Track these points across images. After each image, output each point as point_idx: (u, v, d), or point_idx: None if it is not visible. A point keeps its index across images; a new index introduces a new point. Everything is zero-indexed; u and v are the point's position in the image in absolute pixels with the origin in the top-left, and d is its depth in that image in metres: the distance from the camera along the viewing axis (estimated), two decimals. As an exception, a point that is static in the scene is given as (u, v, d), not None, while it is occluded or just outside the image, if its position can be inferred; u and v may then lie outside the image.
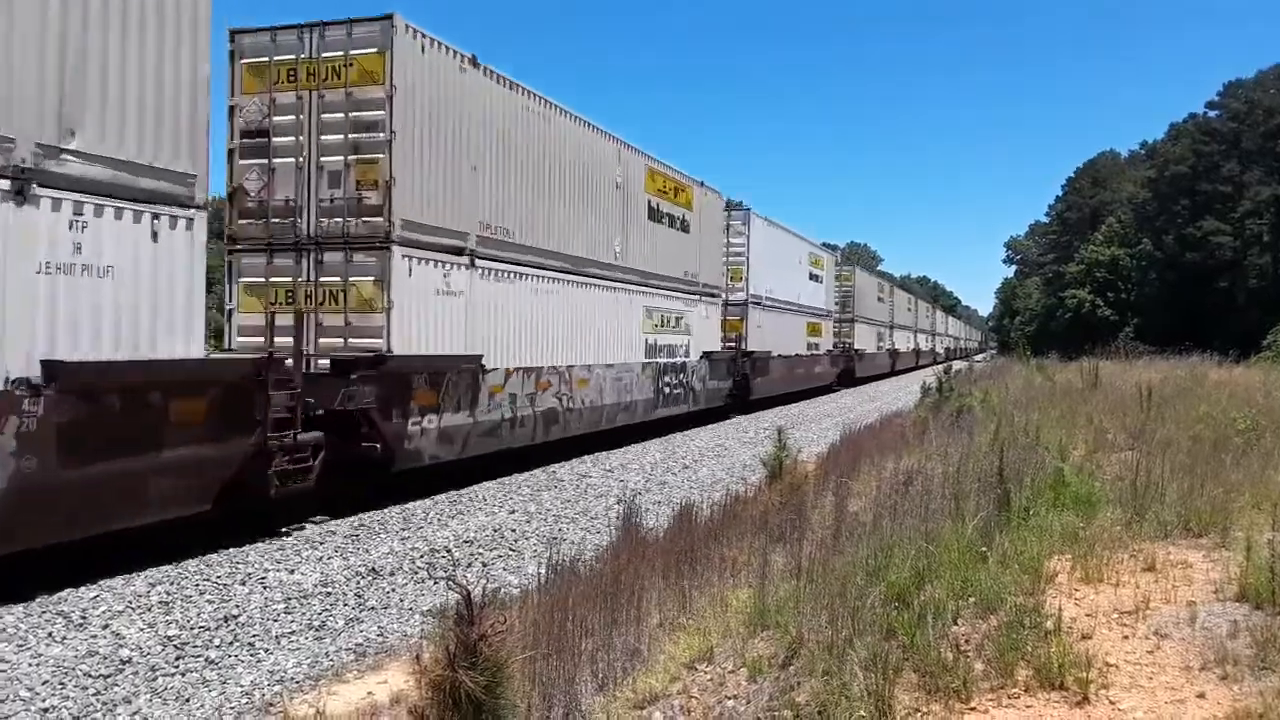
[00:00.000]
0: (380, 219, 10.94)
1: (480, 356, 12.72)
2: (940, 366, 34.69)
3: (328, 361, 10.59)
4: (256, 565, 8.11)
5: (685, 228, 20.83)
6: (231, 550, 8.61)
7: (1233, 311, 52.94)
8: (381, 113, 10.99)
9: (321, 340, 11.00)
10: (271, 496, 9.16)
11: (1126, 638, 4.68)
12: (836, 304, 40.11)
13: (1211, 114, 62.55)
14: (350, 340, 11.04)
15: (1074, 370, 23.64)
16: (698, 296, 21.76)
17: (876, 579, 5.31)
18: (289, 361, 9.49)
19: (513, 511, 10.83)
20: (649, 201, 18.87)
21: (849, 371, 41.20)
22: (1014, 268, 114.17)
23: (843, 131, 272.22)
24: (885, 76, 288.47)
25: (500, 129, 13.31)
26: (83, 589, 7.21)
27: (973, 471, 8.35)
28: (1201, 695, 3.96)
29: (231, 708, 5.24)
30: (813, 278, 34.80)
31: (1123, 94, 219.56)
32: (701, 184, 22.14)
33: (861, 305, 45.89)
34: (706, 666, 4.91)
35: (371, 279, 10.95)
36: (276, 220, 11.21)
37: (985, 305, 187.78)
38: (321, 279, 11.11)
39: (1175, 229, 59.25)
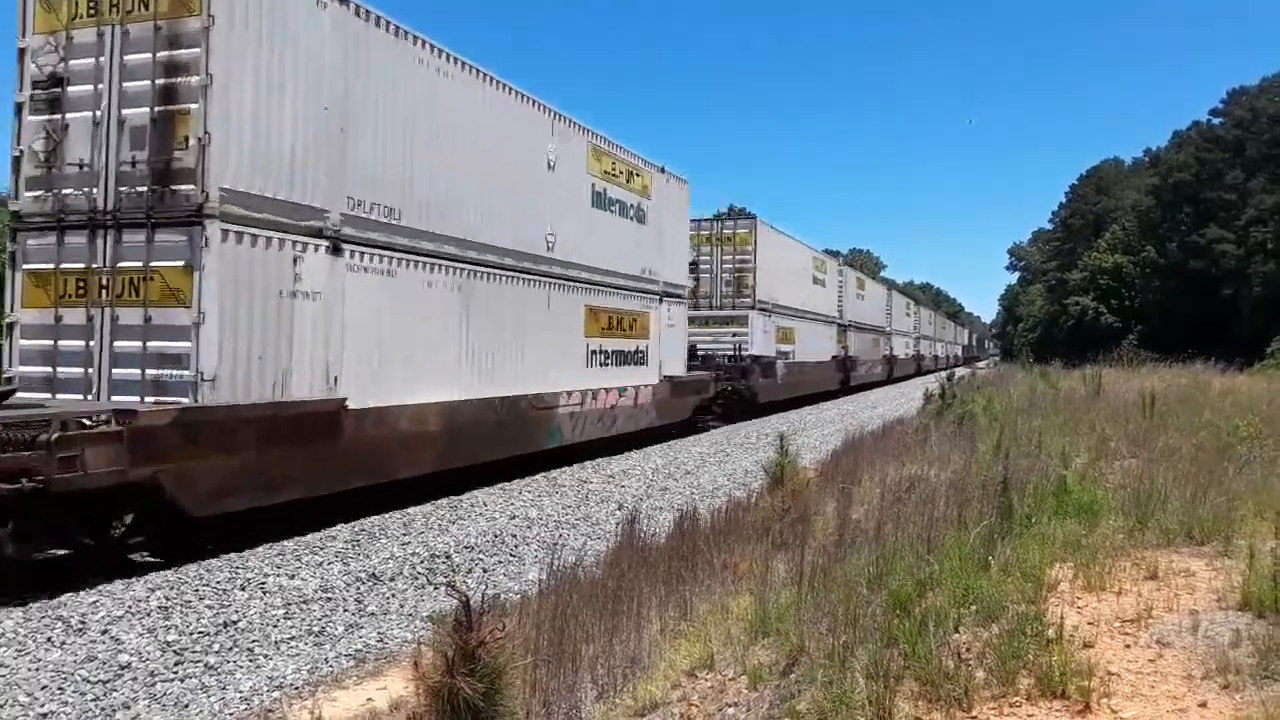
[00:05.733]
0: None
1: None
2: (945, 372, 38.47)
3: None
4: (256, 570, 8.10)
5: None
6: (231, 555, 8.60)
7: (1236, 319, 52.86)
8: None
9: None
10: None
11: (1129, 646, 4.66)
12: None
13: (1215, 121, 62.59)
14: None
15: (1077, 377, 23.62)
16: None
17: (878, 586, 5.29)
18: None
19: (513, 517, 10.82)
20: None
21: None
22: (1017, 274, 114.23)
23: (845, 136, 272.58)
24: (888, 82, 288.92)
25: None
26: (82, 594, 7.21)
27: (975, 479, 8.34)
28: (1204, 704, 3.94)
29: (230, 714, 5.23)
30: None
31: (1126, 101, 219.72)
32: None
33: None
34: (707, 674, 4.89)
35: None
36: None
37: (988, 312, 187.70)
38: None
39: (1179, 236, 59.19)
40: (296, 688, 5.62)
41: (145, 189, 8.80)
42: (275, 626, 6.67)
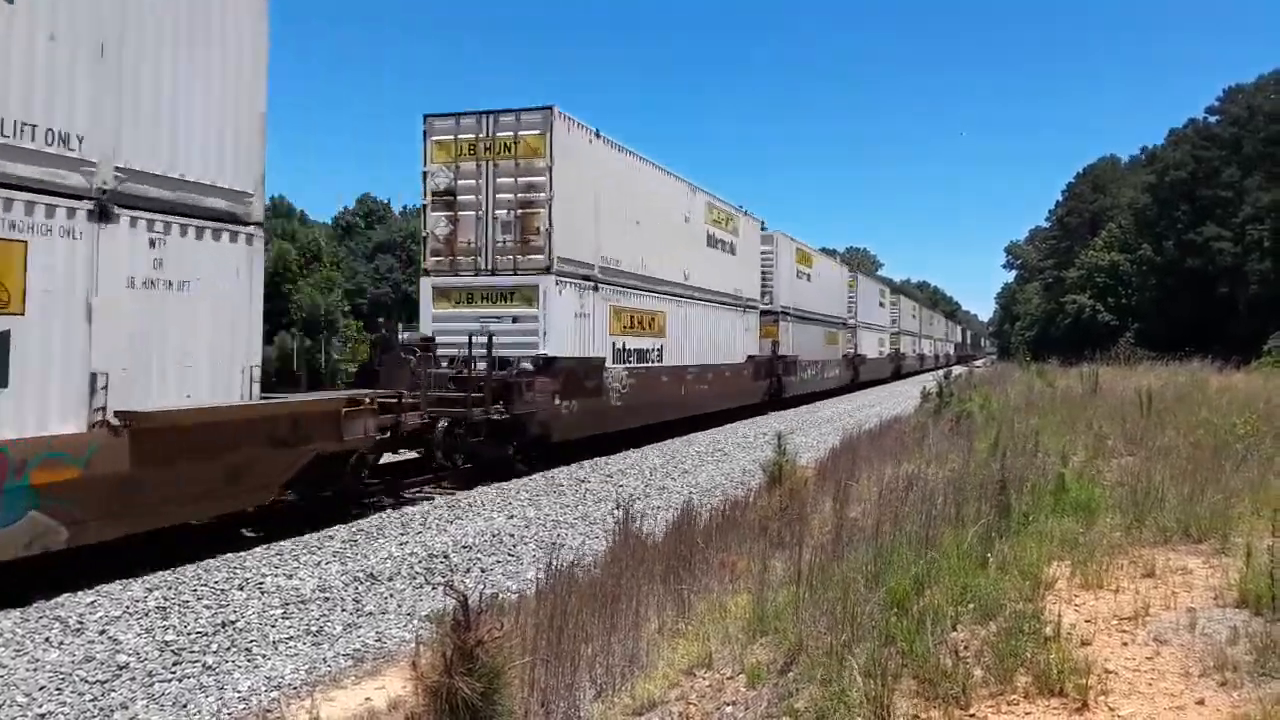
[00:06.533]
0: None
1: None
2: (939, 373, 35.44)
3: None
4: (254, 570, 8.09)
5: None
6: (229, 555, 8.60)
7: (1233, 317, 52.90)
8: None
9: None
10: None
11: (1126, 644, 4.66)
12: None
13: (1211, 119, 62.58)
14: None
15: (1074, 376, 23.64)
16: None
17: (876, 585, 5.30)
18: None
19: (511, 517, 10.82)
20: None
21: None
22: (1014, 273, 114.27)
23: (845, 135, 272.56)
24: (886, 80, 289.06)
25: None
26: (80, 594, 7.20)
27: (973, 477, 8.34)
28: (1201, 701, 3.95)
29: (229, 714, 5.22)
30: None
31: (1123, 99, 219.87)
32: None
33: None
34: (705, 673, 4.89)
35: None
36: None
37: (985, 310, 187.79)
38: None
39: (1175, 234, 59.22)
40: (295, 687, 5.61)
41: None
42: (273, 626, 6.67)
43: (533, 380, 14.41)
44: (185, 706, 5.28)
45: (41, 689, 5.42)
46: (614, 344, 17.47)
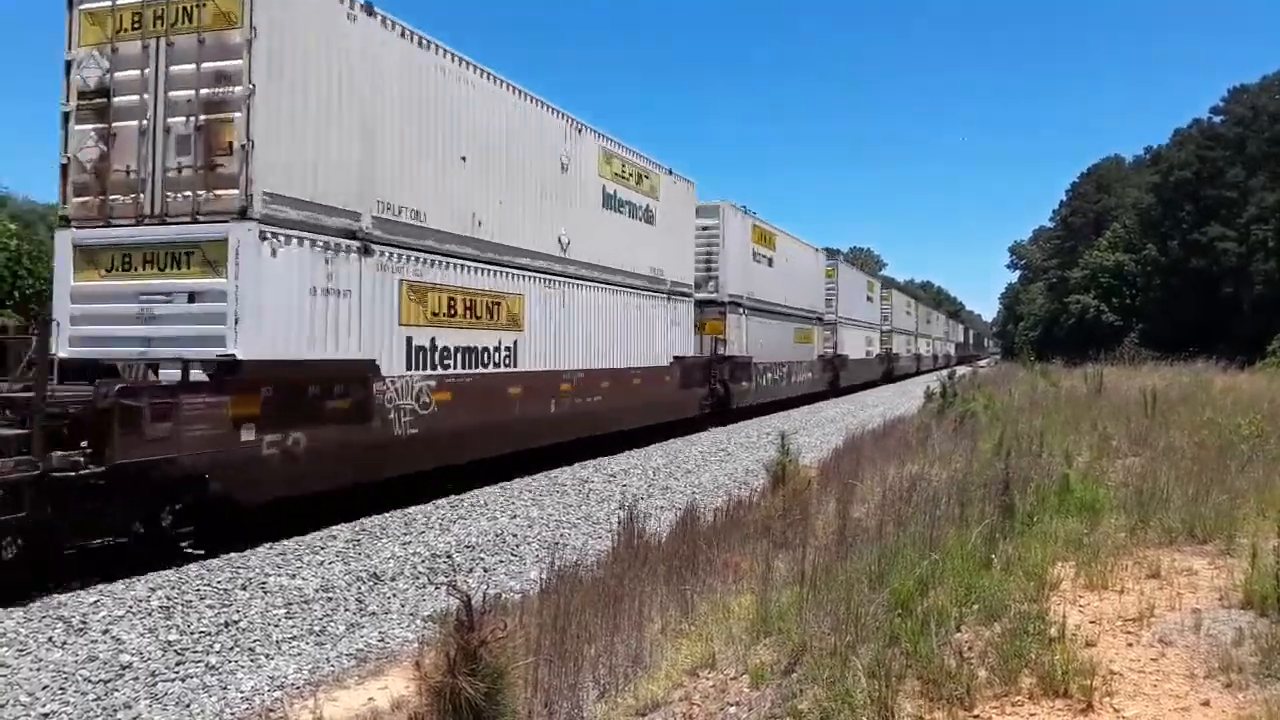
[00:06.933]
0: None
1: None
2: (941, 374, 34.17)
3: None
4: (258, 570, 8.10)
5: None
6: (233, 555, 8.61)
7: (1238, 317, 52.79)
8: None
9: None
10: None
11: (1131, 645, 4.65)
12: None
13: (1216, 119, 62.50)
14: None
15: (1078, 376, 23.62)
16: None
17: (879, 585, 5.29)
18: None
19: (514, 516, 10.81)
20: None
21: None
22: (1018, 273, 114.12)
23: (845, 135, 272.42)
24: (886, 80, 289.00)
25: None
26: (83, 594, 7.21)
27: (976, 477, 8.33)
28: (1206, 703, 3.94)
29: (232, 713, 5.23)
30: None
31: (1127, 99, 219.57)
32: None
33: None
34: (709, 673, 4.88)
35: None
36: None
37: (989, 310, 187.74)
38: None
39: (1180, 234, 59.12)
40: (298, 687, 5.62)
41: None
42: (276, 626, 6.67)
43: (170, 402, 8.13)
44: (188, 706, 5.28)
45: (45, 688, 5.42)
46: (409, 339, 11.38)
